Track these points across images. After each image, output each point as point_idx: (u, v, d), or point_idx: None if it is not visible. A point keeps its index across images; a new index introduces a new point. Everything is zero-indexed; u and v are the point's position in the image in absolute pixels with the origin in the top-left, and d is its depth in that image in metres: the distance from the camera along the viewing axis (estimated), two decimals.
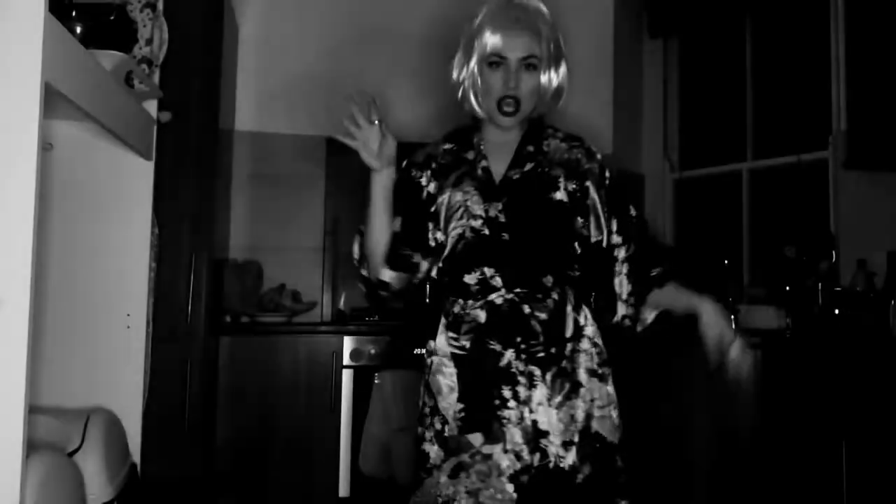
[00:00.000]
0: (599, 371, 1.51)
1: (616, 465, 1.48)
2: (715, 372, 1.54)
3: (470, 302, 1.47)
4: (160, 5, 1.82)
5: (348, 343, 2.85)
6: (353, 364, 2.84)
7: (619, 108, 3.63)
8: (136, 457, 1.82)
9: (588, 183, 1.57)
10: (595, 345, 1.52)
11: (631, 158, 3.75)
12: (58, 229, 1.79)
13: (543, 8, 1.57)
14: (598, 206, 1.56)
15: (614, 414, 1.52)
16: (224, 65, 2.63)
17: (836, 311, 2.57)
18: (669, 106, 3.86)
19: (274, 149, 3.21)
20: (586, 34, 3.57)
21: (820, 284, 2.75)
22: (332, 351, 2.82)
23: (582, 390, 1.47)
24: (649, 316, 1.61)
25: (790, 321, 2.73)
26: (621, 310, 1.57)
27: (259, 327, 2.82)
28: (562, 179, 1.54)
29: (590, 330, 1.51)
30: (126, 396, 1.83)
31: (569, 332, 1.48)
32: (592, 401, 1.48)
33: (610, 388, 1.53)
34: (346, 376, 2.84)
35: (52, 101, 1.20)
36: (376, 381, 2.79)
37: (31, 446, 1.11)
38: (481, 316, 1.46)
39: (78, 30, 1.45)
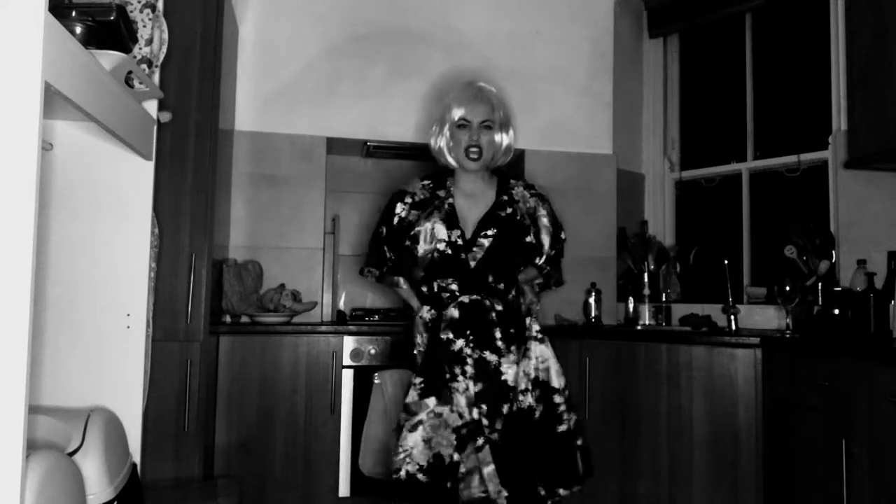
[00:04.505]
0: (539, 337, 2.11)
1: (554, 402, 2.06)
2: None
3: (444, 307, 2.06)
4: (160, 5, 1.82)
5: (348, 343, 2.85)
6: (353, 364, 2.85)
7: (619, 108, 3.63)
8: (136, 457, 1.82)
9: (540, 226, 2.20)
10: (535, 320, 2.14)
11: (631, 158, 3.75)
12: (58, 229, 1.79)
13: (493, 90, 2.24)
14: (546, 244, 2.21)
15: (554, 366, 2.09)
16: (224, 65, 2.63)
17: (836, 311, 2.57)
18: (669, 106, 3.87)
19: (274, 149, 3.21)
20: (586, 34, 3.57)
21: (820, 284, 2.75)
22: (332, 351, 2.82)
23: (530, 353, 2.07)
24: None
25: (790, 321, 2.73)
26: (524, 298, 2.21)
27: (259, 327, 2.82)
28: (529, 224, 2.17)
29: (536, 308, 2.20)
30: (126, 396, 1.83)
31: (524, 310, 2.12)
32: (537, 358, 2.07)
33: (547, 348, 2.11)
34: (346, 376, 2.84)
35: (52, 101, 1.20)
36: (376, 381, 2.79)
37: (31, 446, 1.11)
38: (455, 313, 2.04)
39: (78, 30, 1.45)
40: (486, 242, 2.09)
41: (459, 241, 2.09)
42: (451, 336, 2.03)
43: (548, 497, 2.00)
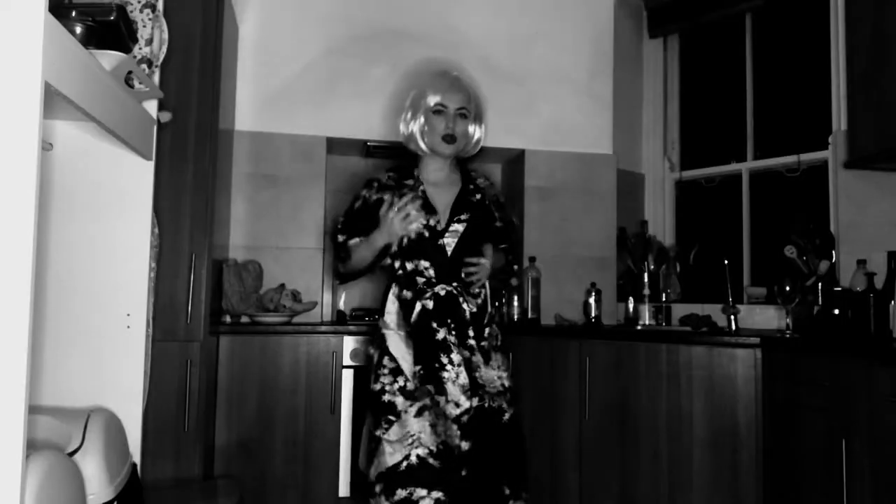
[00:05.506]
0: (499, 345, 2.14)
1: (519, 407, 2.12)
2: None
3: (419, 294, 2.05)
4: (160, 5, 1.82)
5: (348, 343, 2.85)
6: (353, 364, 2.85)
7: (619, 108, 3.63)
8: (136, 457, 1.82)
9: (495, 211, 2.23)
10: (498, 326, 2.17)
11: (631, 158, 3.75)
12: (58, 229, 1.79)
13: (469, 80, 2.26)
14: (500, 225, 2.24)
15: (507, 374, 2.12)
16: (224, 65, 2.63)
17: (836, 311, 2.57)
18: (669, 106, 3.87)
19: (274, 149, 3.21)
20: (586, 34, 3.57)
21: (820, 284, 2.75)
22: (332, 351, 2.82)
23: (491, 360, 2.08)
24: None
25: (790, 321, 2.73)
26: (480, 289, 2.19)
27: (259, 327, 2.82)
28: (494, 210, 2.22)
29: (496, 318, 2.19)
30: (126, 396, 1.83)
31: (486, 320, 2.11)
32: (499, 366, 2.10)
33: (504, 356, 2.15)
34: (346, 376, 2.84)
35: (52, 101, 1.20)
36: None
37: (31, 446, 1.11)
38: (429, 304, 2.05)
39: (78, 30, 1.45)
40: (459, 228, 2.11)
41: (439, 227, 2.10)
42: (434, 325, 2.03)
43: (511, 497, 2.00)
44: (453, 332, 2.03)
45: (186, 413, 2.33)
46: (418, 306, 2.05)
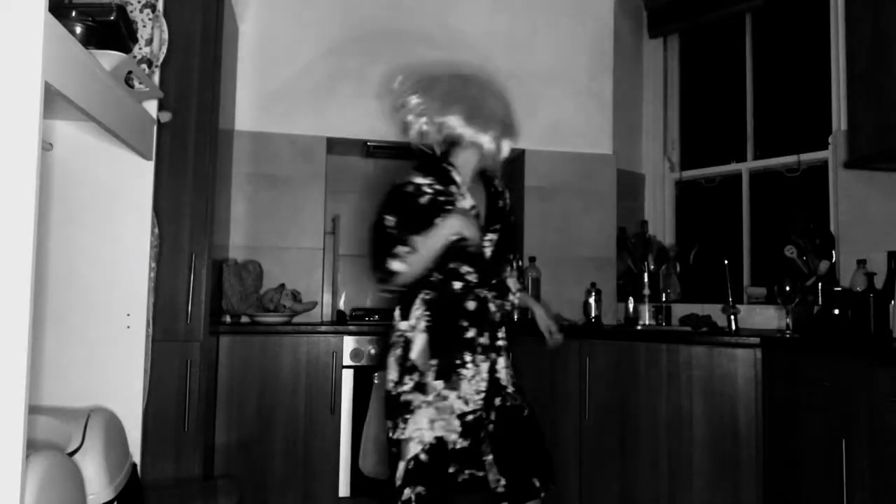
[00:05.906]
0: (507, 346, 2.15)
1: (531, 405, 2.12)
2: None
3: (458, 297, 2.04)
4: (160, 5, 1.82)
5: (348, 343, 2.85)
6: (353, 364, 2.85)
7: (619, 108, 3.63)
8: (136, 457, 1.82)
9: (510, 215, 2.24)
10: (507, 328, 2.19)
11: (631, 158, 3.75)
12: (58, 229, 1.79)
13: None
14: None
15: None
16: (224, 65, 2.63)
17: (836, 311, 2.57)
18: (669, 106, 3.87)
19: (274, 149, 3.21)
20: (586, 34, 3.57)
21: (820, 284, 2.75)
22: (332, 351, 2.82)
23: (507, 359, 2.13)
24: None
25: (790, 321, 2.73)
26: (512, 298, 2.29)
27: (259, 327, 2.82)
28: (510, 216, 2.23)
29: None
30: (126, 396, 1.83)
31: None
32: (510, 365, 2.12)
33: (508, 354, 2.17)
34: (346, 376, 2.84)
35: (52, 101, 1.20)
36: (376, 381, 2.79)
37: (31, 446, 1.11)
38: (471, 305, 2.04)
39: (78, 30, 1.45)
40: (494, 237, 2.12)
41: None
42: (465, 324, 2.04)
43: (542, 489, 2.02)
44: (485, 334, 2.05)
45: (186, 413, 2.33)
46: (459, 306, 2.05)
